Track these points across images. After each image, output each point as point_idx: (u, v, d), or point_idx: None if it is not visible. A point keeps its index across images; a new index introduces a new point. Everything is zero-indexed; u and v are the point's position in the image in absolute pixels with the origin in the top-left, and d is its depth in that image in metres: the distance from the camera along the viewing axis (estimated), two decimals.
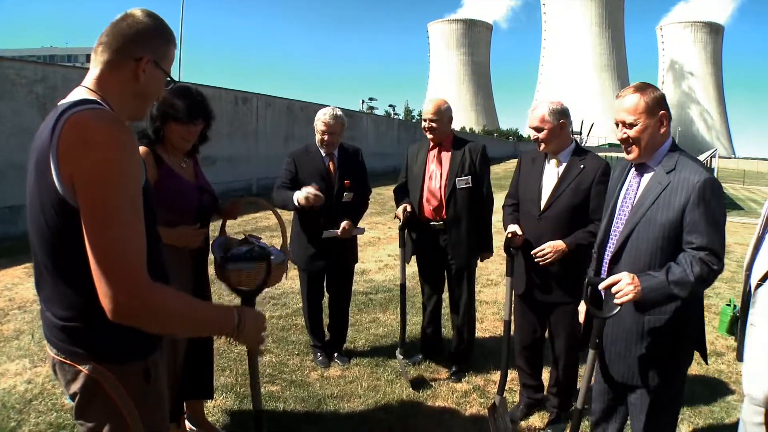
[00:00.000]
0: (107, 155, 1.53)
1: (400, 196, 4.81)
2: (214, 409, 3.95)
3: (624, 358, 2.77)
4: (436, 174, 4.55)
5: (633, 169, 2.83)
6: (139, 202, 1.59)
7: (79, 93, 1.72)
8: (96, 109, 1.62)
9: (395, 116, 57.68)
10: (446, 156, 4.56)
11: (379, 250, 10.13)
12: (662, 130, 2.65)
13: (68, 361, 1.72)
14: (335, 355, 4.90)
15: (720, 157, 46.79)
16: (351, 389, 4.30)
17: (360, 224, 4.89)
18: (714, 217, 2.50)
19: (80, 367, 1.71)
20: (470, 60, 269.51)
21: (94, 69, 1.75)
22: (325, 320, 5.07)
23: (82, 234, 1.53)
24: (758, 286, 2.59)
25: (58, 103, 1.69)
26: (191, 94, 3.27)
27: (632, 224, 2.68)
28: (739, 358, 2.75)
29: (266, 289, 3.20)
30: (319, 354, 4.90)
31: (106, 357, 1.71)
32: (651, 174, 2.70)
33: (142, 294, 1.52)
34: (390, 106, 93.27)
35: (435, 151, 4.61)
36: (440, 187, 4.50)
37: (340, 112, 4.67)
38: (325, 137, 4.57)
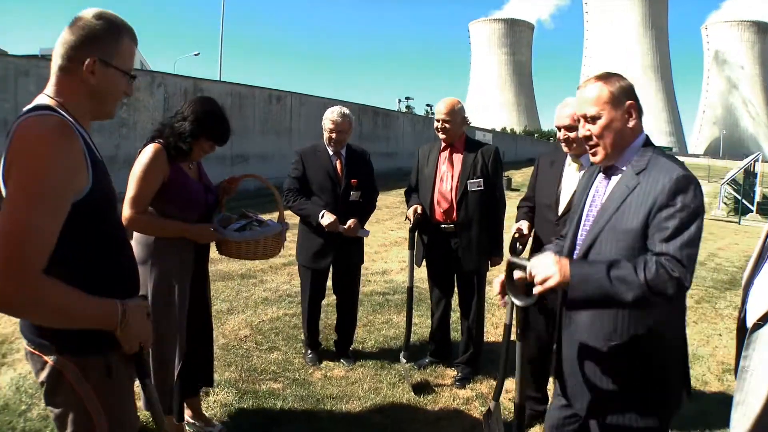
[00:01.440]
0: (33, 159, 1.59)
1: (410, 198, 4.80)
2: (214, 403, 3.98)
3: (586, 390, 2.33)
4: (447, 176, 4.51)
5: (601, 173, 2.42)
6: (59, 206, 1.62)
7: (38, 99, 1.79)
8: (42, 115, 1.68)
9: (432, 116, 57.59)
10: (458, 158, 4.52)
11: (404, 251, 10.07)
12: (631, 124, 2.24)
13: (36, 352, 1.80)
14: (341, 356, 4.89)
15: (765, 161, 45.37)
16: (352, 390, 4.29)
17: (388, 224, 4.89)
18: (684, 220, 2.04)
19: (46, 358, 1.79)
20: (512, 60, 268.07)
21: (52, 77, 1.81)
22: (332, 321, 5.06)
23: None
24: (756, 326, 2.25)
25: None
26: (225, 117, 3.33)
27: (594, 234, 2.27)
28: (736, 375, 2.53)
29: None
30: (309, 352, 4.89)
31: (68, 350, 1.77)
32: (619, 176, 2.29)
33: (26, 287, 1.53)
34: (427, 105, 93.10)
35: (447, 153, 4.58)
36: (451, 189, 4.47)
37: (347, 111, 4.67)
38: (333, 135, 4.58)
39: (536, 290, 2.10)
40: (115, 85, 1.86)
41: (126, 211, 3.00)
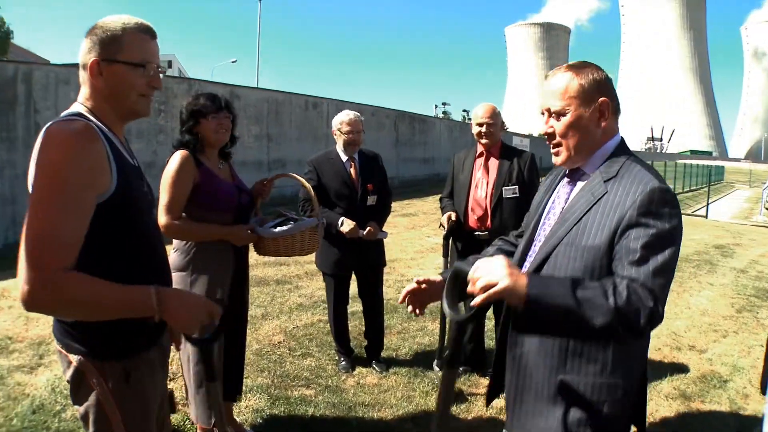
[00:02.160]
0: (52, 160, 1.64)
1: (445, 205, 4.78)
2: (246, 408, 4.00)
3: (532, 417, 1.96)
4: (482, 183, 4.49)
5: (565, 176, 2.08)
6: (80, 204, 1.66)
7: (72, 107, 1.85)
8: (66, 120, 1.73)
9: (469, 121, 57.27)
10: (494, 164, 4.49)
11: (440, 257, 10.03)
12: (603, 124, 1.91)
13: (63, 351, 1.87)
14: (373, 362, 4.88)
15: None
16: (384, 398, 4.27)
17: (425, 230, 4.88)
18: (658, 243, 1.70)
19: (71, 357, 1.84)
20: (549, 64, 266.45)
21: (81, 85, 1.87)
22: (362, 327, 5.10)
23: None
24: None
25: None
26: (213, 93, 3.41)
27: (549, 247, 1.91)
28: (763, 391, 2.38)
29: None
30: (342, 359, 4.89)
31: (89, 352, 1.82)
32: (585, 182, 1.95)
33: (51, 286, 1.57)
34: (464, 111, 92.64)
35: (482, 159, 4.55)
36: (486, 196, 4.44)
37: (358, 113, 4.74)
38: (351, 136, 4.60)
39: (475, 300, 1.66)
40: (127, 80, 1.84)
41: (161, 219, 3.06)
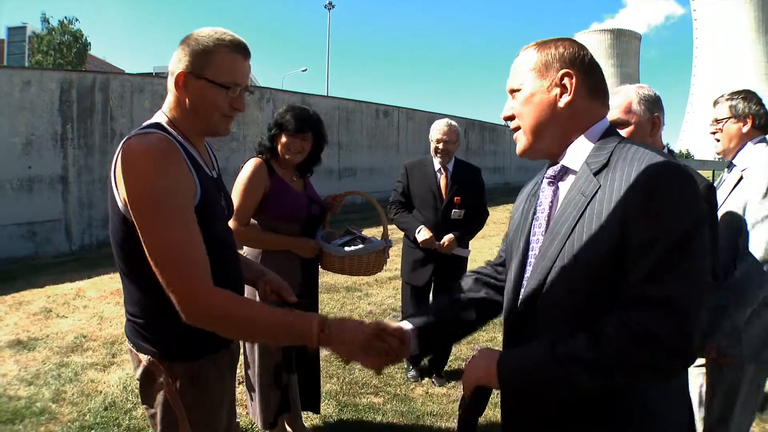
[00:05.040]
0: (144, 178, 1.64)
1: None
2: (314, 414, 3.97)
3: None
4: None
5: (544, 177, 1.63)
6: (187, 215, 1.68)
7: (155, 116, 1.87)
8: (146, 133, 1.74)
9: None
10: None
11: None
12: (564, 101, 1.50)
13: (134, 350, 1.91)
14: (433, 375, 4.77)
15: None
16: (453, 408, 4.18)
17: (495, 240, 4.77)
18: (673, 240, 1.24)
19: (141, 357, 1.87)
20: (619, 71, 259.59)
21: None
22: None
23: (140, 242, 1.64)
24: None
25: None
26: (305, 110, 3.42)
27: (541, 275, 1.45)
28: None
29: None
30: (410, 368, 4.83)
31: (158, 353, 1.85)
32: (569, 181, 1.52)
33: (201, 301, 1.61)
34: None
35: None
36: None
37: (455, 123, 4.66)
38: (440, 146, 4.56)
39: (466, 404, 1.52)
40: (209, 98, 1.80)
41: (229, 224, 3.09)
